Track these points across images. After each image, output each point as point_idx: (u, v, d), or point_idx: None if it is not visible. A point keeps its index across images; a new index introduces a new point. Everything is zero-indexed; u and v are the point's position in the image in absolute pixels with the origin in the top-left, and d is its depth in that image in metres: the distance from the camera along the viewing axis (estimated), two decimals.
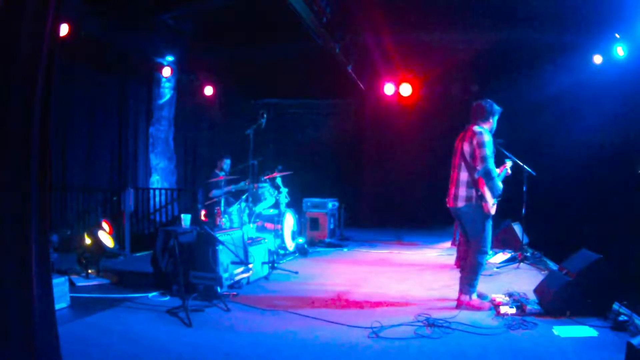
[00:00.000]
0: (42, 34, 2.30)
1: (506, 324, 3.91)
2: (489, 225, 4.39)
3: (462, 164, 4.37)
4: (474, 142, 4.28)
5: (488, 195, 4.28)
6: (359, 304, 4.61)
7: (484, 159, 4.21)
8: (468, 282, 4.42)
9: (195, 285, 4.67)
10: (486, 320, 4.07)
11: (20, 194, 2.29)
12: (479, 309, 4.35)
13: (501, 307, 4.19)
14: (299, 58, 9.14)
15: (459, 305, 4.41)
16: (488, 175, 4.24)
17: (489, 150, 4.23)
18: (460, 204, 4.36)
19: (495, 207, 4.40)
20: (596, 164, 7.72)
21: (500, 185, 4.34)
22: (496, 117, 4.52)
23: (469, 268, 4.42)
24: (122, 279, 5.47)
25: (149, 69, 9.33)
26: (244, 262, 5.05)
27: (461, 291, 4.45)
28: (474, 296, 4.46)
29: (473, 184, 4.29)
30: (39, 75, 2.31)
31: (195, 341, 3.56)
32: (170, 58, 9.41)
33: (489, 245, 4.42)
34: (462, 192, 4.35)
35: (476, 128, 4.35)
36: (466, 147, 4.34)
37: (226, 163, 7.79)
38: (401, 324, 3.91)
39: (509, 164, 4.83)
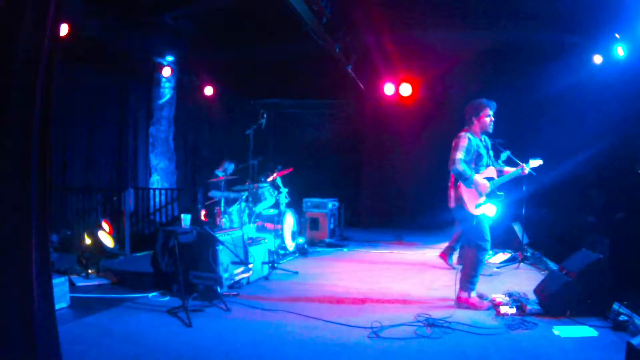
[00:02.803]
0: (42, 34, 2.30)
1: (506, 324, 3.92)
2: (484, 222, 4.42)
3: None
4: (453, 144, 4.42)
5: (466, 196, 4.35)
6: (359, 304, 4.61)
7: (453, 161, 4.32)
8: (468, 279, 4.44)
9: (195, 285, 4.67)
10: (486, 320, 4.07)
11: (20, 194, 2.28)
12: (477, 307, 4.36)
13: (501, 307, 4.19)
14: (299, 58, 9.13)
15: (458, 302, 4.43)
16: (460, 177, 4.33)
17: (461, 154, 4.31)
18: (452, 204, 4.50)
19: (489, 207, 4.40)
20: (596, 163, 7.71)
21: (479, 185, 4.34)
22: (482, 113, 4.47)
23: (469, 265, 4.45)
24: (122, 279, 5.47)
25: (149, 69, 9.33)
26: (244, 262, 5.05)
27: (461, 288, 4.48)
28: (473, 294, 4.47)
29: (455, 185, 4.43)
30: (39, 75, 2.31)
31: (195, 341, 3.56)
32: (170, 58, 9.41)
33: (488, 242, 4.43)
34: (452, 193, 4.48)
35: (462, 132, 4.47)
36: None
37: (230, 167, 7.78)
38: (401, 324, 3.92)
39: (534, 163, 4.63)
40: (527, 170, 4.65)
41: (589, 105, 7.76)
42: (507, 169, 4.67)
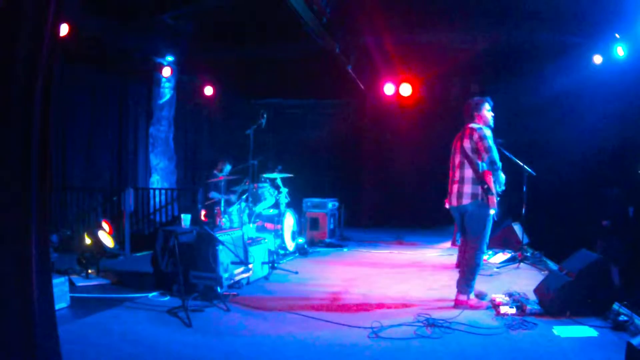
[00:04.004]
0: (42, 34, 2.30)
1: (506, 324, 3.91)
2: (490, 224, 4.40)
3: (465, 161, 4.40)
4: (475, 136, 4.33)
5: (495, 188, 4.32)
6: (359, 304, 4.61)
7: (487, 149, 4.27)
8: (465, 282, 4.43)
9: (195, 285, 4.67)
10: (486, 320, 4.07)
11: (20, 194, 2.28)
12: (476, 308, 4.36)
13: (501, 307, 4.19)
14: (299, 58, 9.13)
15: (457, 304, 4.42)
16: (494, 165, 4.28)
17: (491, 142, 4.31)
18: (466, 201, 4.36)
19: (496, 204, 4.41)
20: (596, 163, 7.72)
21: (502, 175, 4.38)
22: (483, 108, 4.52)
23: (467, 268, 4.44)
24: (122, 279, 5.48)
25: (149, 69, 9.32)
26: (244, 262, 5.05)
27: (459, 291, 4.47)
28: (472, 296, 4.48)
29: (478, 179, 4.32)
30: (39, 75, 2.31)
31: (195, 341, 3.56)
32: (170, 58, 9.41)
33: (486, 245, 4.43)
34: (468, 189, 4.35)
35: (474, 125, 4.43)
36: (467, 144, 4.38)
37: (226, 167, 7.78)
38: (401, 324, 3.91)
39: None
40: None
41: (589, 105, 7.76)
42: None
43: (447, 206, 4.64)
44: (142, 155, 9.61)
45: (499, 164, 4.32)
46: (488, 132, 4.37)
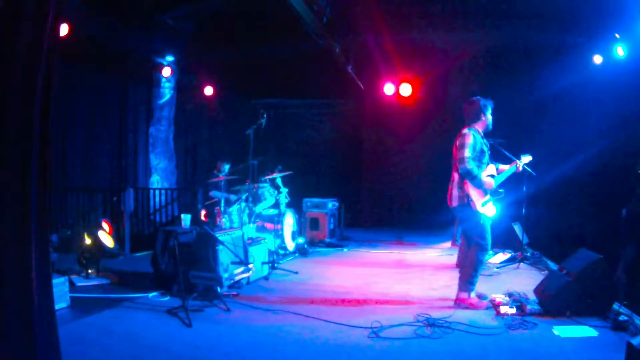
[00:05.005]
0: (42, 34, 2.30)
1: (506, 324, 3.91)
2: (486, 223, 4.42)
3: (455, 165, 4.50)
4: (457, 143, 4.42)
5: (474, 194, 4.35)
6: (359, 304, 4.61)
7: (461, 160, 4.33)
8: (467, 279, 4.45)
9: (196, 285, 4.67)
10: (486, 320, 4.07)
11: (20, 194, 2.28)
12: (476, 307, 4.37)
13: (501, 307, 4.19)
14: (299, 58, 9.13)
15: (457, 302, 4.44)
16: (468, 175, 4.32)
17: (468, 152, 4.31)
18: (455, 203, 4.48)
19: (490, 206, 4.41)
20: (596, 163, 7.71)
21: (485, 183, 4.36)
22: (489, 111, 4.55)
23: (469, 265, 4.45)
24: (122, 279, 5.48)
25: (149, 69, 9.33)
26: (244, 262, 5.05)
27: (460, 289, 4.48)
28: (473, 294, 4.48)
29: (461, 183, 4.41)
30: (39, 75, 2.31)
31: (195, 341, 3.56)
32: (170, 58, 9.41)
33: (489, 243, 4.44)
34: (456, 191, 4.47)
35: (465, 130, 4.47)
36: (454, 149, 4.49)
37: (225, 167, 7.79)
38: (401, 324, 3.92)
39: (525, 159, 4.72)
40: (520, 167, 4.71)
41: (589, 105, 7.76)
42: (502, 167, 4.70)
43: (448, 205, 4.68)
44: (142, 155, 9.61)
45: (476, 172, 4.30)
46: (470, 140, 4.34)
